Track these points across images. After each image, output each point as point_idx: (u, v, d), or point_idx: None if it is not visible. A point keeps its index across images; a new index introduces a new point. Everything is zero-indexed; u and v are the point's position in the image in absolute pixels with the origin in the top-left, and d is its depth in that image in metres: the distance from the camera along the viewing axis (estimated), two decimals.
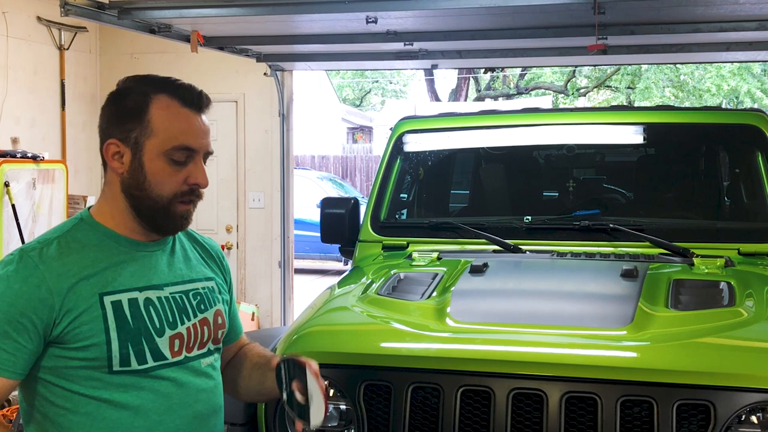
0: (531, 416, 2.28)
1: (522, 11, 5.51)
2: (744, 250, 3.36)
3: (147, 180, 1.73)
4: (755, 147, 3.70)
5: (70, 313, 1.65)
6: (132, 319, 1.71)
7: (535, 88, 25.16)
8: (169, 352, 1.75)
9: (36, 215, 6.08)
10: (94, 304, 1.67)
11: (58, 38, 7.61)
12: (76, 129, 7.95)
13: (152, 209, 1.75)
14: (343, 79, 33.81)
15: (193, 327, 1.81)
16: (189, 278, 1.87)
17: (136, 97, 1.75)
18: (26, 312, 1.63)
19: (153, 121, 1.73)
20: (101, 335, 1.67)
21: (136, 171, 1.74)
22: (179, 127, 1.74)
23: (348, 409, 2.46)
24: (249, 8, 5.55)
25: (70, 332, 1.65)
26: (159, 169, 1.73)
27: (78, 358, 1.67)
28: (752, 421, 2.22)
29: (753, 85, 20.72)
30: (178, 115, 1.75)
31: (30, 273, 1.65)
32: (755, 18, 5.65)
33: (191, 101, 1.77)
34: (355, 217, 4.01)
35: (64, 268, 1.68)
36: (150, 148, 1.73)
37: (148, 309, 1.74)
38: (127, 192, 1.76)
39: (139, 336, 1.71)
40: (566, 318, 2.62)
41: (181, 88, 1.77)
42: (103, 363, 1.68)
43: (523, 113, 4.43)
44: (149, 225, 1.79)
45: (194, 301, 1.84)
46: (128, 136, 1.74)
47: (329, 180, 17.08)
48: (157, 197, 1.74)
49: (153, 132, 1.73)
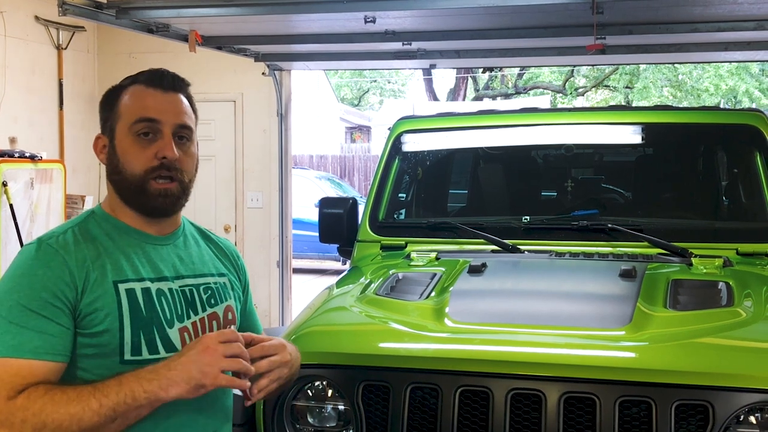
0: (529, 416, 2.27)
1: (520, 11, 5.51)
2: (742, 250, 3.36)
3: (119, 160, 1.79)
4: (753, 147, 3.70)
5: (87, 297, 1.69)
6: (145, 308, 1.74)
7: (534, 87, 25.17)
8: (180, 344, 1.77)
9: (34, 215, 6.07)
10: (109, 291, 1.71)
11: (56, 38, 7.60)
12: (74, 128, 7.94)
13: (130, 190, 1.79)
14: (341, 79, 33.81)
15: (200, 321, 1.84)
16: (200, 273, 1.89)
17: (112, 93, 1.85)
18: (57, 294, 1.66)
19: (120, 107, 1.81)
20: (115, 322, 1.70)
21: (111, 155, 1.82)
22: (140, 103, 1.80)
23: (346, 410, 2.46)
24: (247, 8, 5.55)
25: (87, 317, 1.68)
26: (127, 146, 1.79)
27: (92, 345, 1.69)
28: (751, 421, 2.21)
29: (751, 84, 20.75)
30: (141, 94, 1.81)
31: (51, 258, 1.68)
32: (753, 18, 5.65)
33: (156, 82, 1.83)
34: (354, 217, 4.00)
35: (80, 254, 1.71)
36: (119, 130, 1.80)
37: (160, 300, 1.77)
38: (110, 179, 1.83)
39: (151, 325, 1.74)
40: (565, 318, 2.62)
41: (149, 73, 1.85)
42: (115, 350, 1.70)
43: (522, 113, 4.43)
44: (136, 208, 1.82)
45: (204, 296, 1.87)
46: (105, 126, 1.84)
47: (327, 180, 17.07)
48: (131, 176, 1.78)
49: (120, 115, 1.81)
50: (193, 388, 1.62)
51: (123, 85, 1.85)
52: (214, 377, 1.62)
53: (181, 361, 1.63)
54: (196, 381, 1.61)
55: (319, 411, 2.51)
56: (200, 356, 1.62)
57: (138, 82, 1.84)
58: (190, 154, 1.86)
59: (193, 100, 1.91)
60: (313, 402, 2.50)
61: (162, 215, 1.85)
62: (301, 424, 2.51)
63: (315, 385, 2.51)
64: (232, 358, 1.64)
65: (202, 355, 1.62)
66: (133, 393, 1.60)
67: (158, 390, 1.60)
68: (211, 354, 1.62)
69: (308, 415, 2.51)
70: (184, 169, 1.83)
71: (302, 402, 2.51)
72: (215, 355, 1.62)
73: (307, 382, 2.50)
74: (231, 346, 1.65)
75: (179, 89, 1.86)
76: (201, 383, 1.62)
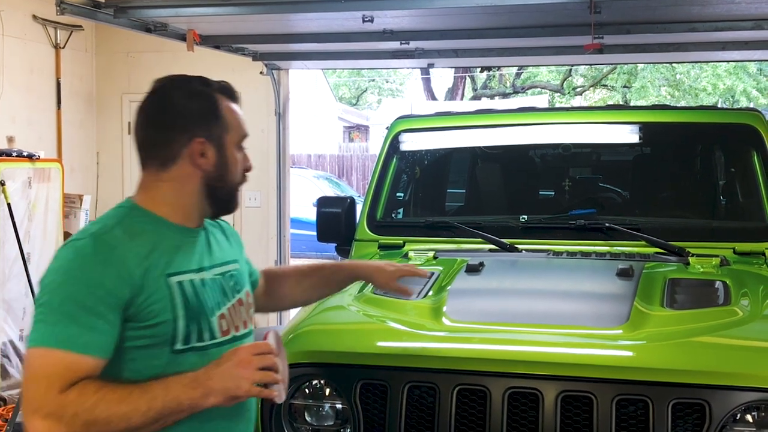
0: (527, 415, 2.28)
1: (518, 10, 5.51)
2: (739, 249, 3.37)
3: (229, 171, 1.92)
4: (751, 146, 3.70)
5: (143, 292, 1.75)
6: (194, 299, 1.83)
7: (532, 87, 25.18)
8: (218, 331, 1.88)
9: (32, 214, 6.06)
10: (163, 284, 1.79)
11: (53, 37, 7.59)
12: (72, 128, 7.92)
13: (228, 195, 1.95)
14: (339, 78, 33.79)
15: (233, 307, 1.95)
16: (223, 261, 2.00)
17: (206, 99, 1.91)
18: (112, 291, 1.71)
19: (226, 118, 1.92)
20: (169, 314, 1.78)
21: (221, 164, 1.90)
22: (241, 120, 1.97)
23: (344, 408, 2.47)
24: (245, 7, 5.55)
25: (143, 310, 1.75)
26: (235, 159, 1.94)
27: (146, 336, 1.76)
28: (747, 420, 2.22)
29: (749, 84, 20.77)
30: (236, 111, 1.96)
31: (108, 254, 1.73)
32: (751, 17, 5.66)
33: (235, 97, 1.98)
34: (351, 216, 4.00)
35: (134, 250, 1.77)
36: (229, 142, 1.92)
37: (203, 290, 1.87)
38: (209, 184, 1.91)
39: (199, 315, 1.83)
40: (562, 317, 2.63)
41: (228, 88, 1.97)
42: (167, 341, 1.78)
43: (519, 112, 4.43)
44: (220, 209, 1.98)
45: (230, 282, 1.98)
46: (211, 133, 1.89)
47: (326, 179, 17.07)
48: (233, 184, 1.95)
49: (228, 127, 1.92)
50: (229, 398, 1.72)
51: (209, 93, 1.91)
52: (247, 390, 1.72)
53: (218, 372, 1.72)
54: (231, 392, 1.71)
55: (317, 410, 2.51)
56: (236, 369, 1.72)
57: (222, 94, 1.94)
58: None
59: None
60: (310, 401, 2.51)
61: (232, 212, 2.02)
62: (298, 423, 2.52)
63: (313, 383, 2.51)
64: (264, 371, 1.74)
65: (237, 368, 1.72)
66: (178, 398, 1.69)
67: (199, 398, 1.70)
68: (245, 367, 1.72)
69: (306, 413, 2.52)
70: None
71: (300, 401, 2.51)
72: (249, 369, 1.72)
73: (305, 381, 2.50)
74: (264, 359, 1.74)
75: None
76: (235, 395, 1.72)
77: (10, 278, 5.87)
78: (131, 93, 8.53)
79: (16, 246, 5.74)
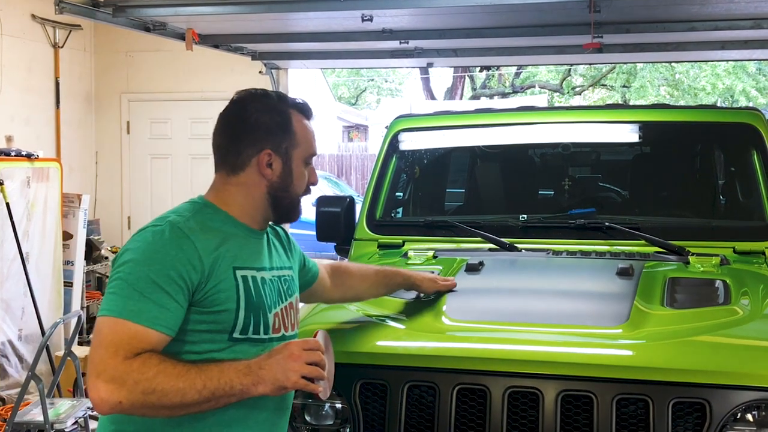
0: (527, 414, 2.27)
1: (517, 9, 5.52)
2: (739, 248, 3.36)
3: (293, 183, 2.06)
4: (750, 145, 3.70)
5: (212, 279, 1.88)
6: (254, 294, 1.96)
7: (531, 86, 25.18)
8: (272, 327, 2.01)
9: (30, 214, 6.06)
10: (230, 276, 1.92)
11: (52, 36, 7.59)
12: (71, 127, 7.92)
13: (291, 206, 2.08)
14: (338, 78, 33.79)
15: (285, 309, 2.08)
16: (280, 266, 2.14)
17: (279, 114, 2.05)
18: (183, 275, 1.84)
19: (296, 134, 2.05)
20: (233, 304, 1.91)
21: (286, 175, 2.04)
22: (311, 138, 2.10)
23: (343, 408, 2.46)
24: (244, 6, 5.55)
25: (210, 297, 1.88)
26: (300, 173, 2.07)
27: (208, 321, 1.89)
28: (748, 419, 2.22)
29: (748, 83, 20.78)
30: (308, 128, 2.09)
31: (183, 241, 1.87)
32: (750, 17, 5.67)
33: (310, 115, 2.12)
34: (351, 216, 3.99)
35: (206, 241, 1.91)
36: (295, 156, 2.05)
37: (264, 287, 2.00)
38: (273, 194, 2.04)
39: (258, 309, 1.96)
40: (562, 316, 2.62)
41: (303, 106, 2.11)
42: (227, 328, 1.91)
43: (519, 112, 4.42)
44: (281, 217, 2.11)
45: (284, 286, 2.11)
46: (279, 146, 2.03)
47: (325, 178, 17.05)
48: (296, 196, 2.08)
49: (297, 143, 2.05)
50: (277, 388, 1.83)
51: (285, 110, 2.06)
52: (294, 381, 1.84)
53: (269, 362, 1.84)
54: (280, 383, 1.82)
55: (317, 409, 2.50)
56: (286, 361, 1.83)
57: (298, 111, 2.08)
58: None
59: None
60: (310, 400, 2.50)
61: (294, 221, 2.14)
62: (298, 423, 2.51)
63: None
64: (312, 366, 1.85)
65: (287, 361, 1.83)
66: (231, 382, 1.79)
67: (250, 385, 1.80)
68: (295, 360, 1.84)
69: (305, 413, 2.51)
70: None
71: (299, 400, 2.51)
72: (299, 362, 1.84)
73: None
74: (312, 354, 1.86)
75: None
76: (283, 385, 1.83)
77: (9, 278, 5.86)
78: (130, 92, 8.54)
79: (15, 245, 5.74)
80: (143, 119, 8.63)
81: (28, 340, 6.03)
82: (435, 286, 2.79)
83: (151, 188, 8.72)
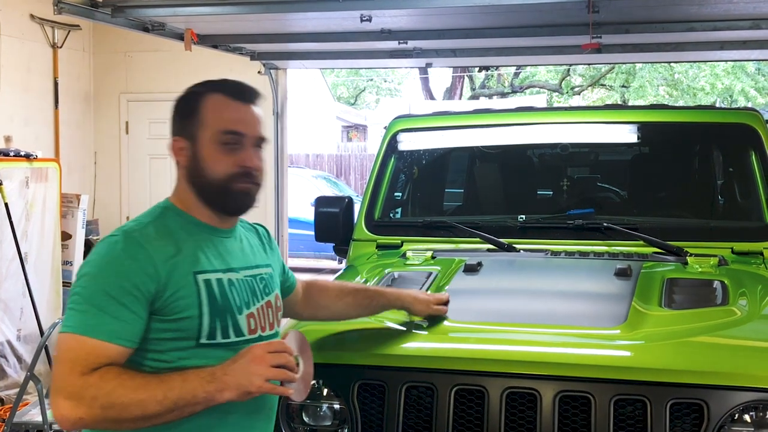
0: (525, 415, 2.27)
1: (516, 10, 5.52)
2: (737, 248, 3.36)
3: (202, 166, 1.93)
4: (749, 146, 3.70)
5: (170, 287, 1.84)
6: (220, 297, 1.91)
7: (530, 86, 25.18)
8: (246, 329, 1.95)
9: (29, 214, 6.05)
10: (190, 282, 1.87)
11: (51, 36, 7.59)
12: (70, 127, 7.92)
13: (213, 192, 1.95)
14: (337, 78, 33.79)
15: (261, 308, 2.02)
16: (255, 264, 2.08)
17: (192, 98, 1.97)
18: (138, 285, 1.80)
19: (203, 115, 1.94)
20: (195, 309, 1.86)
21: (194, 159, 1.95)
22: (226, 116, 1.94)
23: (341, 409, 2.46)
24: (243, 6, 5.55)
25: (170, 305, 1.84)
26: (211, 153, 1.93)
27: (171, 329, 1.85)
28: (745, 420, 2.22)
29: (747, 83, 20.79)
30: (226, 106, 1.95)
31: (137, 251, 1.83)
32: (749, 17, 5.67)
33: (238, 94, 1.97)
34: (349, 216, 3.99)
35: (163, 248, 1.87)
36: (202, 137, 1.94)
37: (231, 289, 1.94)
38: (191, 181, 1.97)
39: (225, 312, 1.91)
40: (560, 317, 2.63)
41: (230, 84, 1.99)
42: (193, 335, 1.86)
43: (517, 112, 4.42)
44: (218, 208, 1.98)
45: (260, 285, 2.05)
46: (185, 130, 1.96)
47: (324, 179, 17.06)
48: (213, 179, 1.93)
49: (203, 123, 1.94)
50: (242, 394, 1.77)
51: (200, 92, 1.96)
52: (259, 386, 1.77)
53: (233, 368, 1.78)
54: (244, 388, 1.77)
55: (315, 410, 2.50)
56: (249, 365, 1.77)
57: (218, 92, 1.96)
58: (262, 158, 2.02)
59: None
60: (308, 401, 2.50)
61: (240, 213, 2.04)
62: (296, 423, 2.51)
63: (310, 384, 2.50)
64: (277, 369, 1.79)
65: (250, 365, 1.78)
66: (194, 391, 1.74)
67: (214, 392, 1.76)
68: (258, 363, 1.78)
69: (303, 414, 2.51)
70: (261, 174, 2.01)
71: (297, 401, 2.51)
72: (263, 365, 1.78)
73: None
74: (277, 357, 1.79)
75: (256, 101, 2.01)
76: (248, 390, 1.77)
77: (7, 278, 5.86)
78: (129, 92, 8.53)
79: (14, 245, 5.73)
80: (142, 119, 8.63)
81: (26, 341, 6.03)
82: (427, 310, 2.57)
83: (150, 188, 8.71)
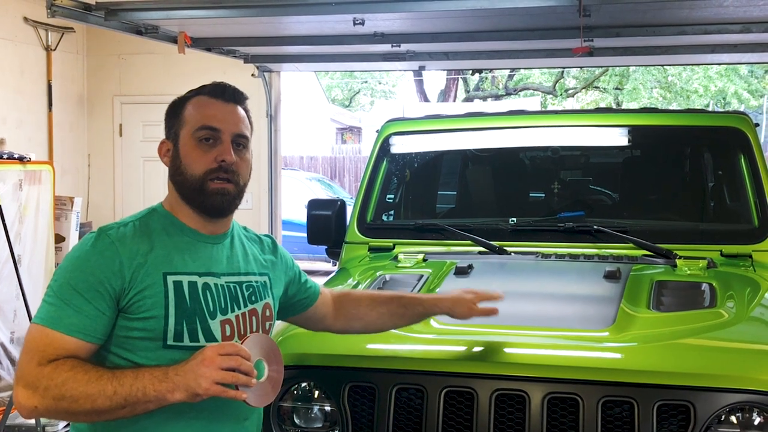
0: (513, 417, 2.30)
1: (508, 13, 5.54)
2: (726, 251, 3.39)
3: (182, 163, 1.95)
4: (738, 149, 3.73)
5: (137, 286, 1.84)
6: (189, 300, 1.89)
7: (524, 89, 25.22)
8: (220, 335, 1.92)
9: (23, 216, 6.05)
10: (158, 281, 1.86)
11: (44, 39, 7.59)
12: (63, 130, 7.92)
13: (190, 189, 1.94)
14: (332, 80, 33.78)
15: (242, 315, 1.99)
16: (244, 271, 2.05)
17: (178, 103, 2.02)
18: (103, 281, 1.82)
19: (185, 115, 1.97)
20: (161, 309, 1.85)
21: (175, 158, 1.97)
22: (204, 112, 1.97)
23: (332, 411, 2.48)
24: (236, 9, 5.56)
25: (135, 303, 1.84)
26: (189, 150, 1.94)
27: (138, 329, 1.85)
28: (732, 421, 2.24)
29: (740, 86, 20.86)
30: (205, 104, 1.98)
31: (106, 248, 1.85)
32: (739, 21, 5.70)
33: (218, 94, 2.00)
34: (342, 219, 4.01)
35: (135, 246, 1.88)
36: (182, 135, 1.96)
37: (205, 293, 1.93)
38: (173, 180, 1.98)
39: (194, 316, 1.89)
40: (549, 319, 2.65)
41: (212, 86, 2.02)
42: (159, 335, 1.85)
43: (509, 115, 4.45)
44: (197, 207, 1.97)
45: (246, 293, 2.02)
46: (170, 132, 2.00)
47: (318, 181, 17.04)
48: (191, 176, 1.94)
49: (184, 122, 1.97)
50: (191, 395, 1.74)
51: (188, 96, 2.01)
52: (206, 388, 1.73)
53: (184, 368, 1.75)
54: (192, 389, 1.73)
55: (306, 412, 2.52)
56: (198, 367, 1.74)
57: (202, 94, 2.00)
58: (246, 159, 2.02)
59: (250, 113, 2.08)
60: (299, 403, 2.52)
61: (219, 214, 1.99)
62: (287, 425, 2.53)
63: (301, 386, 2.52)
64: (227, 371, 1.74)
65: (199, 366, 1.74)
66: (144, 389, 1.73)
67: (165, 392, 1.74)
68: (207, 365, 1.74)
69: (294, 416, 2.53)
70: (240, 173, 1.99)
71: (288, 403, 2.52)
72: (211, 367, 1.73)
73: (294, 384, 2.51)
74: (228, 359, 1.74)
75: (238, 101, 2.03)
76: (195, 392, 1.74)
77: (1, 280, 5.85)
78: (122, 95, 8.54)
79: (7, 248, 5.73)
80: (135, 122, 8.63)
81: (20, 343, 6.02)
82: (470, 313, 2.36)
83: (143, 191, 8.71)
